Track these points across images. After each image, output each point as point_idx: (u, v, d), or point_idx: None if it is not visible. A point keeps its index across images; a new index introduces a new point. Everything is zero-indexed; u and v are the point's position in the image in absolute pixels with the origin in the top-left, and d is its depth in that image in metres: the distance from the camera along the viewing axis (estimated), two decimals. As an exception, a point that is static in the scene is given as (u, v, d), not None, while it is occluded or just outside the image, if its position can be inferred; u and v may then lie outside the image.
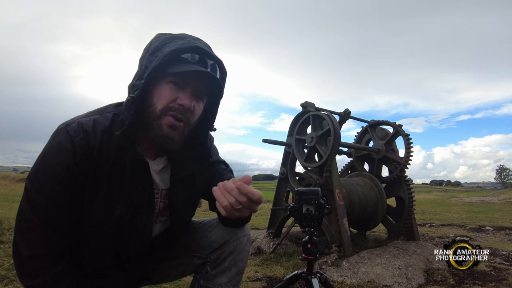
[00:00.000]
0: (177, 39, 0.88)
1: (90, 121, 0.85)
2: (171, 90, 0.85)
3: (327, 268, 2.48)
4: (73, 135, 0.81)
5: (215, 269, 1.07)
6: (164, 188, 0.98)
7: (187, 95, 0.87)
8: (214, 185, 1.08)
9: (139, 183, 0.89)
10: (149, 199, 0.92)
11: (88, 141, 0.82)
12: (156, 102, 0.85)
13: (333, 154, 2.90)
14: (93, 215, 0.84)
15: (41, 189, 0.80)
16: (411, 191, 3.37)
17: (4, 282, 2.06)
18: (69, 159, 0.80)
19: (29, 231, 0.80)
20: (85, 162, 0.82)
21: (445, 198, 15.40)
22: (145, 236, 0.94)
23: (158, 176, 0.96)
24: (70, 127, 0.83)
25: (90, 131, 0.83)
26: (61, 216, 0.81)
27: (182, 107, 0.85)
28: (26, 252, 0.79)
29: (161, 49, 0.86)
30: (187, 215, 1.08)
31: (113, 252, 0.90)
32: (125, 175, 0.87)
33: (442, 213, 7.53)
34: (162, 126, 0.85)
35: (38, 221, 0.79)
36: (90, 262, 0.90)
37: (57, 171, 0.79)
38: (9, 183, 15.59)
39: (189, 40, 0.88)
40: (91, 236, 0.86)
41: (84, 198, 0.83)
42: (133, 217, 0.88)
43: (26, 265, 0.80)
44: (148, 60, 0.86)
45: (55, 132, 0.85)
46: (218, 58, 0.90)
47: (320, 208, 1.15)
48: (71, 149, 0.80)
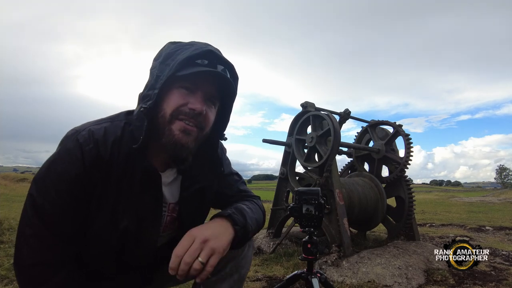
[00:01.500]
0: (188, 46, 0.86)
1: (101, 129, 0.83)
2: (181, 94, 0.84)
3: (327, 268, 2.48)
4: (83, 143, 0.80)
5: (216, 275, 1.04)
6: (172, 202, 0.96)
7: (198, 99, 0.85)
8: (224, 194, 1.07)
9: (147, 196, 0.87)
10: (156, 213, 0.90)
11: (98, 150, 0.80)
12: (166, 107, 0.83)
13: (333, 154, 2.90)
14: (99, 225, 0.83)
15: (48, 196, 0.78)
16: (411, 191, 3.37)
17: (4, 282, 2.06)
18: (78, 167, 0.78)
19: (33, 238, 0.78)
20: (94, 171, 0.80)
21: (445, 198, 15.39)
22: (150, 247, 0.92)
23: (167, 189, 0.94)
24: (81, 134, 0.81)
25: (101, 140, 0.82)
26: (67, 224, 0.80)
27: (194, 112, 0.83)
28: (30, 259, 0.77)
29: (172, 56, 0.84)
30: None
31: (116, 259, 0.89)
32: (134, 187, 0.85)
33: (442, 213, 7.52)
34: (174, 131, 0.83)
35: (44, 228, 0.78)
36: (92, 267, 0.88)
37: (65, 179, 0.78)
38: (9, 183, 15.57)
39: (200, 45, 0.86)
40: (95, 244, 0.85)
41: (90, 207, 0.82)
42: (138, 229, 0.87)
43: (29, 272, 0.78)
44: (160, 69, 0.84)
45: (65, 138, 0.83)
46: (229, 62, 0.88)
47: (320, 208, 1.15)
48: (80, 157, 0.79)
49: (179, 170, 0.95)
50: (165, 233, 0.97)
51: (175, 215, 0.97)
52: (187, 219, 0.97)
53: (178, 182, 0.96)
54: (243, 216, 0.94)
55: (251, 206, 1.03)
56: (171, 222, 0.97)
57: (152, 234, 0.91)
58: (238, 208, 0.97)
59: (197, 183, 0.97)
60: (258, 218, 1.02)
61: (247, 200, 1.09)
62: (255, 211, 1.03)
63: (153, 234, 0.91)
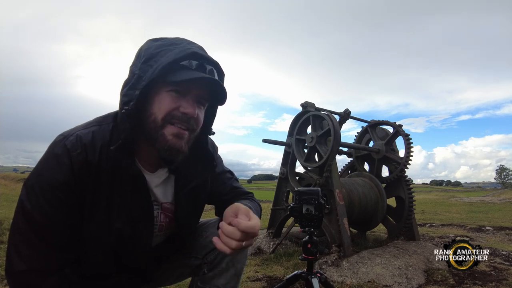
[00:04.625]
0: (171, 46, 0.84)
1: (89, 134, 0.83)
2: (172, 98, 0.83)
3: (327, 268, 2.48)
4: (70, 149, 0.79)
5: (212, 270, 1.05)
6: (165, 201, 0.96)
7: (190, 102, 0.84)
8: (218, 193, 1.08)
9: (137, 198, 0.87)
10: (147, 214, 0.90)
11: (86, 156, 0.80)
12: (157, 111, 0.82)
13: (333, 154, 2.90)
14: (92, 229, 0.82)
15: (37, 203, 0.77)
16: (411, 191, 3.38)
17: (4, 283, 2.06)
18: (67, 173, 0.77)
19: (23, 246, 0.77)
20: (83, 177, 0.79)
21: (445, 198, 15.40)
22: (145, 248, 0.93)
23: (158, 189, 0.94)
24: (68, 140, 0.80)
25: (89, 144, 0.81)
26: (58, 231, 0.78)
27: (186, 116, 0.83)
28: (20, 266, 0.76)
29: (155, 57, 0.83)
30: (193, 226, 1.08)
31: (113, 261, 0.89)
32: (124, 190, 0.85)
33: (442, 213, 7.53)
34: (166, 136, 0.83)
35: (33, 236, 0.77)
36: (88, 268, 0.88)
37: (54, 186, 0.77)
38: (9, 183, 15.58)
39: (183, 45, 0.85)
40: (90, 247, 0.85)
41: (83, 212, 0.81)
42: (132, 231, 0.87)
43: (20, 279, 0.77)
44: (141, 70, 0.82)
45: (53, 143, 0.82)
46: (214, 61, 0.88)
47: (320, 208, 1.15)
48: (68, 164, 0.78)
49: (171, 170, 0.95)
50: (161, 233, 0.98)
51: (171, 215, 0.97)
52: (184, 218, 0.97)
53: (171, 181, 0.96)
54: None
55: (251, 205, 1.03)
56: (167, 222, 0.97)
57: (146, 234, 0.91)
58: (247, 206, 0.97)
59: (190, 182, 0.97)
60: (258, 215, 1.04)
61: (245, 198, 1.09)
62: (254, 208, 1.04)
63: (147, 235, 0.92)
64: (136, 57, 0.88)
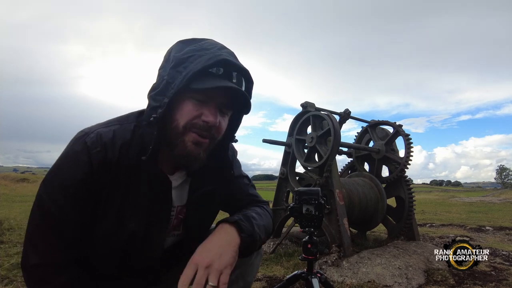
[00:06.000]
0: (201, 51, 0.82)
1: (110, 132, 0.83)
2: (194, 105, 0.81)
3: (327, 268, 2.48)
4: (90, 146, 0.79)
5: None
6: (180, 204, 0.95)
7: (212, 110, 0.82)
8: (233, 197, 1.06)
9: (156, 200, 0.87)
10: (164, 217, 0.90)
11: (105, 154, 0.80)
12: (179, 118, 0.81)
13: (333, 154, 2.90)
14: (105, 227, 0.83)
15: (54, 198, 0.78)
16: (411, 191, 3.38)
17: (4, 282, 2.06)
18: (85, 171, 0.78)
19: (38, 239, 0.79)
20: (101, 175, 0.79)
21: (445, 198, 15.40)
22: (156, 250, 0.92)
23: (175, 192, 0.92)
24: (89, 137, 0.80)
25: (109, 143, 0.81)
26: (72, 227, 0.80)
27: (207, 124, 0.81)
28: (34, 260, 0.78)
29: (184, 63, 0.80)
30: (203, 230, 1.04)
31: (122, 262, 0.89)
32: (142, 191, 0.84)
33: (442, 213, 7.53)
34: (186, 143, 0.82)
35: (48, 230, 0.78)
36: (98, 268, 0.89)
37: (72, 183, 0.78)
38: (9, 183, 15.58)
39: (214, 51, 0.82)
40: (101, 247, 0.85)
41: (97, 210, 0.82)
42: (145, 233, 0.86)
43: (33, 272, 0.79)
44: (170, 75, 0.81)
45: (73, 140, 0.83)
46: (244, 68, 0.85)
47: (320, 208, 1.15)
48: (87, 161, 0.78)
49: (188, 172, 0.94)
50: (170, 234, 0.97)
51: (182, 217, 0.96)
52: (193, 222, 0.96)
53: (187, 184, 0.95)
54: (251, 224, 0.92)
55: (260, 212, 1.01)
56: (177, 224, 0.96)
57: (159, 237, 0.91)
58: (246, 215, 0.95)
59: (205, 186, 0.95)
60: (266, 225, 1.01)
61: (256, 205, 1.07)
62: (264, 217, 1.01)
63: (160, 238, 0.91)
64: (165, 60, 0.86)
